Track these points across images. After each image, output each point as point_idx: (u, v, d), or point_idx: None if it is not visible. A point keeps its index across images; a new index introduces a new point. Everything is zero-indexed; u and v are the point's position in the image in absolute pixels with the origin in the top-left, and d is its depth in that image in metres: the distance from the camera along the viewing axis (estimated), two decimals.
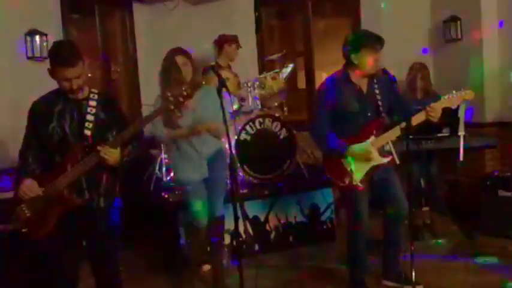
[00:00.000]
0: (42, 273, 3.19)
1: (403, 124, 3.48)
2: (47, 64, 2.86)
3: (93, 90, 2.96)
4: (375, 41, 3.55)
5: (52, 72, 2.81)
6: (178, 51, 3.76)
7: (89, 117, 2.86)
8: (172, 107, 2.91)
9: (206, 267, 4.36)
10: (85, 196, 2.88)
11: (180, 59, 3.70)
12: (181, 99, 2.91)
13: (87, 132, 2.85)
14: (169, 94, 2.92)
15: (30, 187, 2.79)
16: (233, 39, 5.48)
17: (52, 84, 2.95)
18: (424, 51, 5.91)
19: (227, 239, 4.60)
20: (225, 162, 3.99)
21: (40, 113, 2.89)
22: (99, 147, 2.76)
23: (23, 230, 2.85)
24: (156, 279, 4.31)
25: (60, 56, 2.75)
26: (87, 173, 2.83)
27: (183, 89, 2.94)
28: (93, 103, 2.90)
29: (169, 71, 3.69)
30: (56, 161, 2.86)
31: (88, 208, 2.89)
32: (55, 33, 5.15)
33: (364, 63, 3.56)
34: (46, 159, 2.89)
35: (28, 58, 5.02)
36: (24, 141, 2.95)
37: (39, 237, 2.83)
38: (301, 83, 7.00)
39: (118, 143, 2.81)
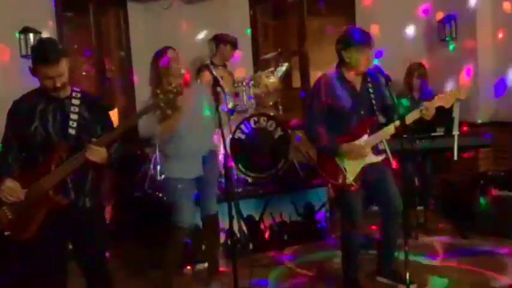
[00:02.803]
0: (29, 276, 3.05)
1: (397, 123, 3.49)
2: None
3: (75, 88, 2.89)
4: (363, 40, 3.55)
5: (34, 71, 2.74)
6: (169, 47, 3.84)
7: (73, 116, 2.80)
8: (162, 104, 2.87)
9: (201, 266, 4.35)
10: (71, 196, 2.82)
11: (170, 53, 3.77)
12: (171, 96, 2.86)
13: (72, 132, 2.78)
14: (158, 91, 2.88)
15: (12, 189, 2.71)
16: (229, 41, 5.43)
17: None
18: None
19: (222, 238, 4.60)
20: (218, 161, 3.99)
21: (21, 113, 2.80)
22: (86, 146, 2.70)
23: (6, 233, 2.76)
24: (150, 279, 4.30)
25: (43, 54, 2.69)
26: (74, 173, 2.77)
27: (173, 85, 2.91)
28: (76, 102, 2.83)
29: (158, 62, 3.75)
30: (38, 161, 2.78)
31: (74, 208, 2.82)
32: (49, 31, 5.13)
33: (354, 61, 3.56)
34: (28, 160, 2.82)
35: (22, 56, 5.00)
36: (3, 142, 2.87)
37: (23, 240, 2.75)
38: (296, 82, 7.00)
39: (106, 142, 2.75)
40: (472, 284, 3.85)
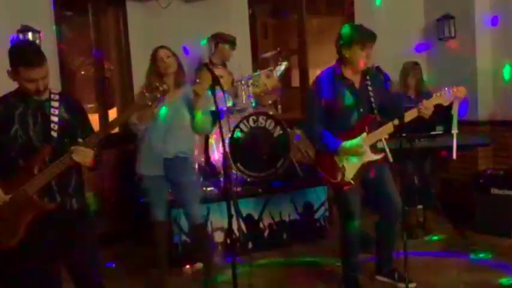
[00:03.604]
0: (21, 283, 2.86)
1: (396, 121, 3.49)
2: None
3: (53, 90, 2.82)
4: (367, 37, 3.54)
5: (15, 74, 2.66)
6: (162, 46, 3.92)
7: (54, 119, 2.73)
8: (149, 103, 2.84)
9: (198, 266, 4.35)
10: (57, 199, 2.73)
11: (162, 52, 3.84)
12: (158, 95, 2.83)
13: (54, 134, 2.71)
14: (145, 91, 2.87)
15: None
16: (227, 41, 5.41)
17: None
18: (418, 48, 5.89)
19: (221, 237, 4.60)
20: (190, 166, 3.98)
21: None
22: (72, 147, 2.64)
23: None
24: (148, 278, 4.29)
25: (27, 57, 2.62)
26: (62, 175, 2.69)
27: (158, 84, 2.87)
28: (55, 104, 2.77)
29: (151, 63, 3.86)
30: (19, 165, 2.68)
31: (61, 211, 2.75)
32: (48, 31, 5.12)
33: (355, 59, 3.55)
34: (6, 165, 2.72)
35: None
36: None
37: (8, 248, 2.65)
38: (295, 81, 7.01)
39: (92, 143, 2.68)
40: (471, 283, 3.85)
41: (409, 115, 3.55)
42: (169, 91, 2.92)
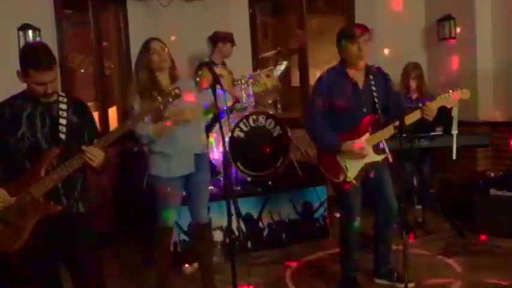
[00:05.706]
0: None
1: (397, 123, 3.48)
2: None
3: (60, 93, 2.80)
4: (353, 29, 3.52)
5: (25, 75, 2.61)
6: (155, 38, 3.69)
7: (62, 121, 2.71)
8: (161, 107, 2.80)
9: (196, 265, 4.34)
10: (63, 202, 2.71)
11: (157, 45, 3.62)
12: (170, 100, 2.80)
13: (62, 136, 2.69)
14: (156, 94, 2.82)
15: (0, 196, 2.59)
16: (227, 38, 5.43)
17: None
18: None
19: (220, 236, 4.60)
20: (205, 164, 3.80)
21: (6, 119, 2.67)
22: (84, 148, 2.61)
23: None
24: (149, 279, 4.29)
25: (38, 60, 2.59)
26: (68, 178, 2.66)
27: (171, 88, 2.84)
28: (63, 106, 2.75)
29: (143, 56, 3.63)
30: (25, 168, 2.66)
31: (67, 215, 2.71)
32: (48, 29, 5.12)
33: (349, 54, 3.54)
34: (11, 168, 2.69)
35: None
36: None
37: (13, 251, 2.63)
38: (295, 81, 7.01)
39: (104, 145, 2.67)
40: (470, 284, 3.85)
41: (412, 117, 3.54)
42: (181, 95, 2.84)
